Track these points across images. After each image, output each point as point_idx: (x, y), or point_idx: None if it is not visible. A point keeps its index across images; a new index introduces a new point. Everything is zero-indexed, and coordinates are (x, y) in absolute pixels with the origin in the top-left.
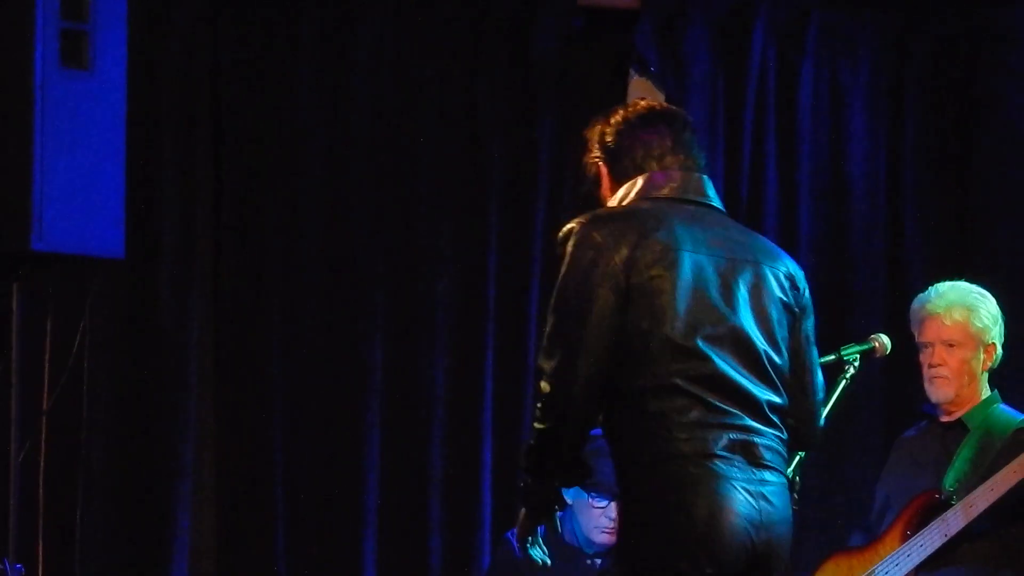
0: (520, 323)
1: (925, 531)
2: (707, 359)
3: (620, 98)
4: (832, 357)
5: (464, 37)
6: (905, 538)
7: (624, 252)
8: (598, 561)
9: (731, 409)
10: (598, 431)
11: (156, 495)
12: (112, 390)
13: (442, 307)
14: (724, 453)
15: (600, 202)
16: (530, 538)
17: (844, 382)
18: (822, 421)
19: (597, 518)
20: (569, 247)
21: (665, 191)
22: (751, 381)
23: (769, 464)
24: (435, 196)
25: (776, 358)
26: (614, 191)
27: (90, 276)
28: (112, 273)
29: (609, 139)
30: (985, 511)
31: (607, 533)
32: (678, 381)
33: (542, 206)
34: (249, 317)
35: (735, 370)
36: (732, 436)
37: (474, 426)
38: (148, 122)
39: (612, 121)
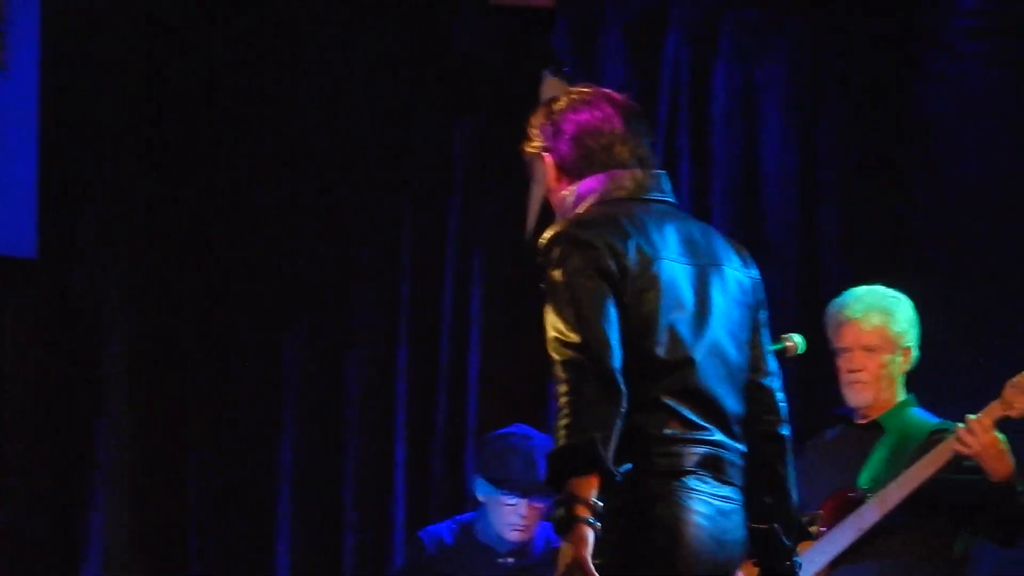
0: (433, 322)
1: (839, 527)
2: (688, 372)
3: (534, 99)
4: None
5: (378, 38)
6: (819, 535)
7: (616, 263)
8: (510, 560)
9: (705, 424)
10: (514, 428)
11: (71, 495)
12: (28, 390)
13: (356, 307)
14: (695, 468)
15: (549, 195)
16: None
17: None
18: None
19: (508, 516)
20: (559, 258)
21: (630, 190)
22: (725, 392)
23: (732, 481)
24: (349, 197)
25: (743, 366)
26: (562, 185)
27: (3, 276)
28: (26, 273)
29: (553, 128)
30: (900, 505)
31: (518, 531)
32: (661, 396)
33: (457, 205)
34: (165, 318)
35: (712, 382)
36: (703, 451)
37: (387, 426)
38: (64, 122)
39: (556, 108)
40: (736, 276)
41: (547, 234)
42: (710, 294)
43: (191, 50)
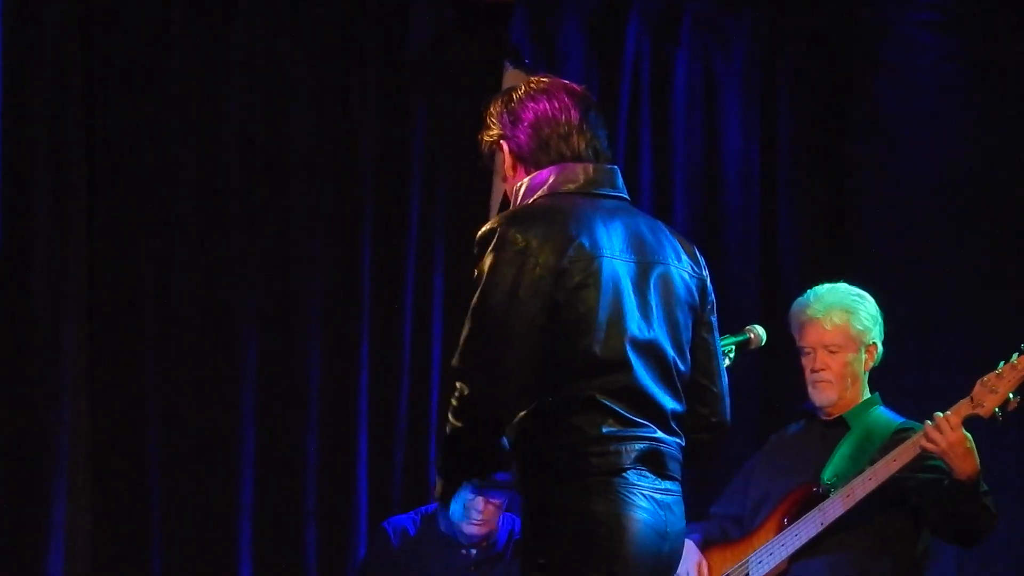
0: (395, 314)
1: (801, 520)
2: (625, 371)
3: (494, 90)
4: None
5: (337, 29)
6: (781, 527)
7: (551, 259)
8: (473, 551)
9: (642, 421)
10: None
11: (31, 489)
12: None
13: (316, 299)
14: (633, 464)
15: (505, 185)
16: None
17: None
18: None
19: (466, 511)
20: (491, 250)
21: (580, 184)
22: (662, 391)
23: (672, 475)
24: (309, 188)
25: (681, 365)
26: (518, 174)
27: None
28: None
29: (511, 117)
30: (864, 500)
31: (476, 525)
32: (596, 395)
33: (416, 194)
34: (123, 312)
35: (648, 381)
36: (641, 447)
37: (350, 418)
38: (18, 117)
39: (515, 97)
40: (682, 276)
41: (484, 227)
42: (652, 293)
43: (140, 35)
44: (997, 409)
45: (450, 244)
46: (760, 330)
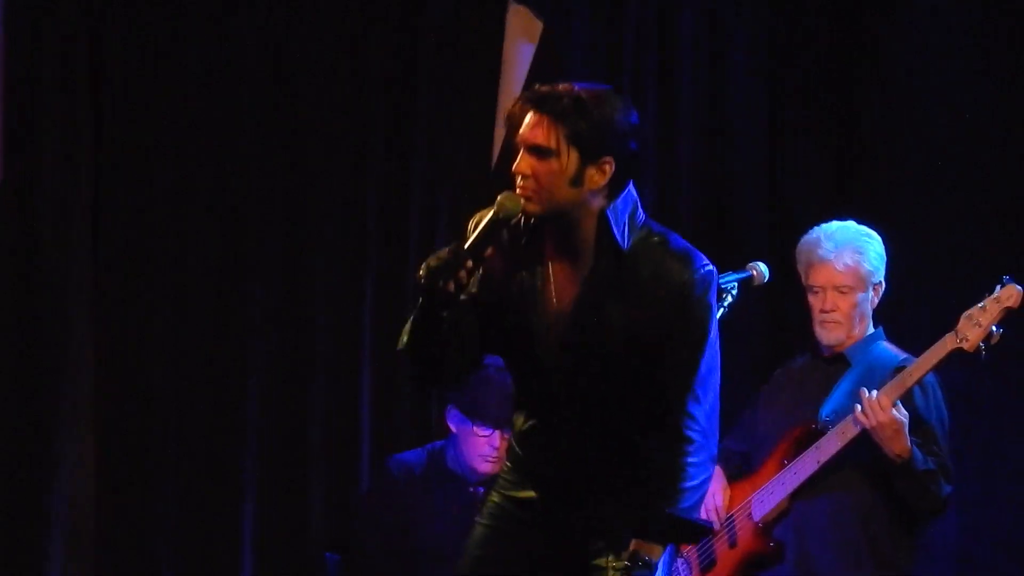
0: (400, 256)
1: (799, 458)
2: None
3: (499, 26)
4: None
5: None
6: (781, 467)
7: None
8: (480, 489)
9: None
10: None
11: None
12: None
13: (323, 235)
14: None
15: (544, 177)
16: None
17: (722, 310)
18: None
19: (480, 447)
20: (711, 296)
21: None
22: None
23: None
24: (310, 149)
25: None
26: (582, 189)
27: None
28: None
29: (629, 141)
30: (859, 438)
31: (490, 462)
32: None
33: (422, 151)
34: (127, 271)
35: None
36: None
37: (354, 358)
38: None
39: (631, 118)
40: None
41: (703, 267)
42: None
43: (147, 10)
44: (981, 343)
45: (455, 195)
46: (763, 267)
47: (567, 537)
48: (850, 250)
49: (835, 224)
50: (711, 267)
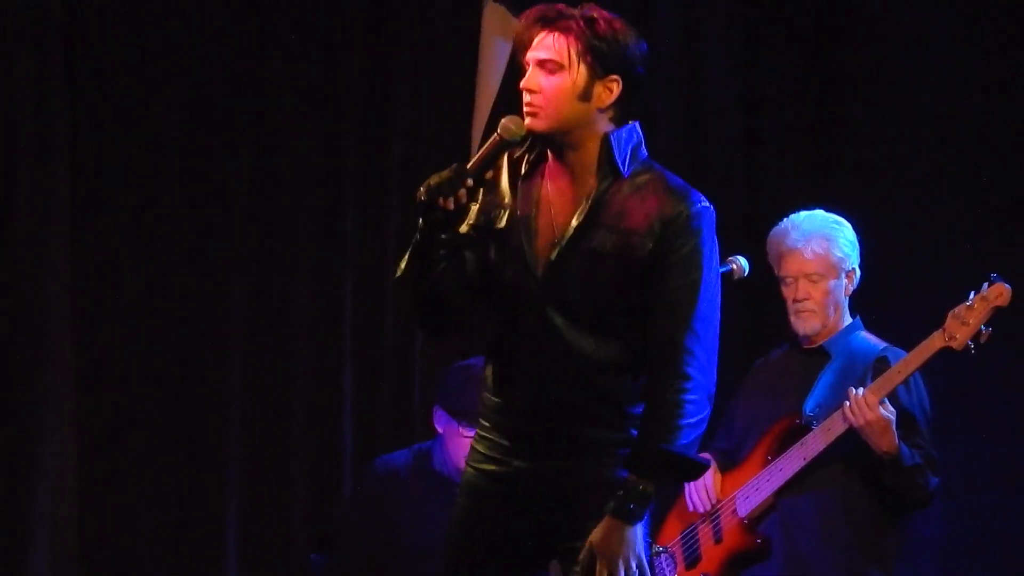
0: (379, 248)
1: (785, 455)
2: None
3: (475, 25)
4: None
5: None
6: (766, 463)
7: None
8: None
9: None
10: (475, 360)
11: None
12: None
13: (302, 233)
14: None
15: (552, 92)
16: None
17: None
18: None
19: (467, 448)
20: (707, 232)
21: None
22: None
23: None
24: (289, 132)
25: None
26: (588, 105)
27: None
28: None
29: (637, 65)
30: (845, 434)
31: None
32: None
33: (400, 128)
34: (106, 255)
35: None
36: None
37: (336, 354)
38: None
39: (641, 46)
40: None
41: (697, 203)
42: None
43: (124, 10)
44: (970, 342)
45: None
46: (743, 261)
47: (540, 515)
48: (818, 237)
49: (803, 214)
50: (709, 205)
